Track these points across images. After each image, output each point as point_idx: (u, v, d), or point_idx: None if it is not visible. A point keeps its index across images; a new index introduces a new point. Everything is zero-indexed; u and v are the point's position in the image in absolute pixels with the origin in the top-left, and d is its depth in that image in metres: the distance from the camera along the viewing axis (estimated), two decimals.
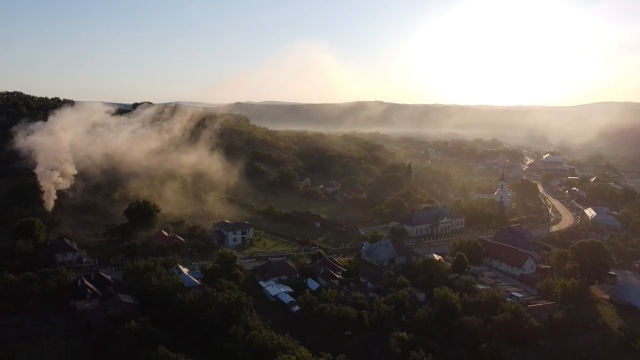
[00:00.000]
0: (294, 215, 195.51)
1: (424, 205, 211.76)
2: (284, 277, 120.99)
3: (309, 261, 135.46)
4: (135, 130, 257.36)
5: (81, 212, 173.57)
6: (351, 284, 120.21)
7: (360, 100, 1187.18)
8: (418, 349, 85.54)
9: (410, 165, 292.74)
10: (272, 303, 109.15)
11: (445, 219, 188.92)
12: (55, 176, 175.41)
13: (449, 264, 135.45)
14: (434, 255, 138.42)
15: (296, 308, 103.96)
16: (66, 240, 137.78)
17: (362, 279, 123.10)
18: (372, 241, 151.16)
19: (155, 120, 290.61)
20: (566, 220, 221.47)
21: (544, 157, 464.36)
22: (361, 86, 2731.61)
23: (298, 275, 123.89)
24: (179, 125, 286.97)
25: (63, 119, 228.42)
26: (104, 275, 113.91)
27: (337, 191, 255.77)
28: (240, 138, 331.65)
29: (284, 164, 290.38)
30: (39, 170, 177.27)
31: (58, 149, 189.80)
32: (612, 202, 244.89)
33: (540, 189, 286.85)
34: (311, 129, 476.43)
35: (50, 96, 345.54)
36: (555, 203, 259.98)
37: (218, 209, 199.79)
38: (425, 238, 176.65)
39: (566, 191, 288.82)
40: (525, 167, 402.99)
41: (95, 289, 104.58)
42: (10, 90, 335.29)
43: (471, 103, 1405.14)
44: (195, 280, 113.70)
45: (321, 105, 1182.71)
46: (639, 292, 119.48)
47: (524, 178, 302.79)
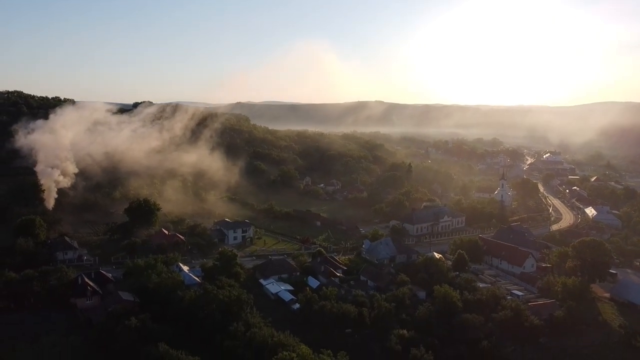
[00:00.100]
0: (295, 214, 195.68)
1: (424, 204, 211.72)
2: (285, 275, 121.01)
3: (310, 259, 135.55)
4: (136, 129, 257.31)
5: (82, 211, 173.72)
6: (352, 282, 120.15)
7: (360, 100, 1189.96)
8: (418, 347, 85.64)
9: (410, 164, 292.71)
10: (273, 301, 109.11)
11: (445, 218, 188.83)
12: (56, 174, 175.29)
13: (450, 263, 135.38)
14: (435, 253, 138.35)
15: (297, 306, 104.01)
16: (66, 239, 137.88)
17: (363, 277, 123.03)
18: (373, 239, 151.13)
19: (156, 119, 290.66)
20: (567, 219, 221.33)
21: (544, 157, 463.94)
22: (362, 86, 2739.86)
23: (298, 273, 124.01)
24: (180, 124, 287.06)
25: (64, 117, 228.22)
26: (105, 273, 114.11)
27: (338, 190, 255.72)
28: (241, 137, 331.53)
29: (284, 163, 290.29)
30: (39, 169, 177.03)
31: (59, 147, 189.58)
32: (613, 201, 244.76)
33: (540, 188, 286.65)
34: (311, 128, 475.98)
35: (50, 96, 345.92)
36: (556, 202, 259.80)
37: (219, 208, 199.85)
38: (426, 237, 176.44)
39: (567, 190, 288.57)
40: (526, 167, 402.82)
41: (95, 287, 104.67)
42: (10, 89, 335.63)
43: (471, 103, 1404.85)
44: (195, 278, 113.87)
45: (321, 105, 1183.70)
46: (639, 290, 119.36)
47: (525, 177, 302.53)
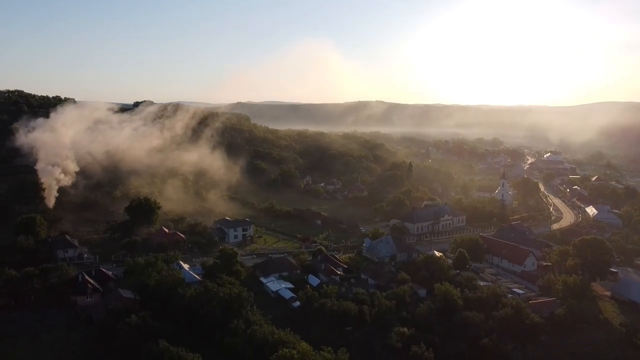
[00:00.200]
0: (295, 213, 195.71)
1: (425, 203, 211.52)
2: (285, 273, 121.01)
3: (310, 258, 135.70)
4: (137, 128, 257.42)
5: (82, 209, 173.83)
6: (352, 280, 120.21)
7: (361, 100, 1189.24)
8: (419, 344, 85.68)
9: (411, 163, 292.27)
10: (273, 299, 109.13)
11: (446, 217, 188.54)
12: (57, 172, 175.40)
13: (450, 261, 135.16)
14: (435, 252, 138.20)
15: (297, 304, 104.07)
16: (67, 237, 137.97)
17: (363, 275, 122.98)
18: (373, 238, 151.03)
19: (157, 118, 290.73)
20: (567, 218, 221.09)
21: (545, 157, 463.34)
22: (362, 86, 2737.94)
23: (299, 271, 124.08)
24: (181, 123, 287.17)
25: (65, 115, 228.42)
26: (105, 271, 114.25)
27: (338, 189, 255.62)
28: (241, 136, 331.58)
29: (284, 162, 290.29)
30: (39, 167, 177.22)
31: (59, 146, 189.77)
32: (614, 201, 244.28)
33: (541, 187, 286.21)
34: (312, 128, 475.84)
35: (51, 95, 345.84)
36: (557, 201, 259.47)
37: (219, 207, 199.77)
38: (426, 235, 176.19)
39: (567, 190, 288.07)
40: (527, 166, 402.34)
41: (96, 285, 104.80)
42: (11, 88, 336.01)
43: (472, 103, 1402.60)
44: (196, 276, 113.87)
45: (322, 105, 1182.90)
46: None
47: (525, 177, 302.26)
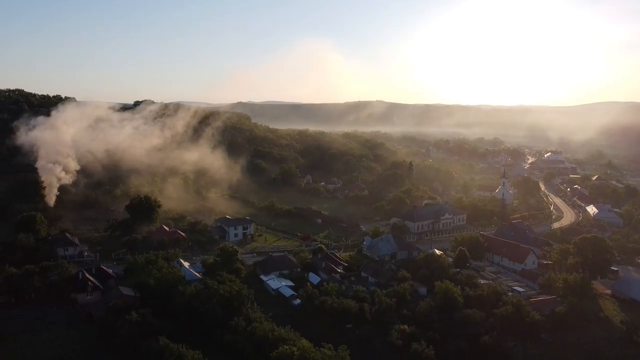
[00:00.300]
0: (295, 212, 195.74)
1: (425, 202, 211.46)
2: (285, 272, 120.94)
3: (310, 256, 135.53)
4: (138, 126, 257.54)
5: (82, 208, 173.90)
6: (352, 278, 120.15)
7: (361, 99, 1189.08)
8: (419, 341, 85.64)
9: (411, 162, 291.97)
10: (273, 296, 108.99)
11: (446, 216, 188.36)
12: (58, 170, 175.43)
13: (451, 260, 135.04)
14: (436, 250, 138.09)
15: (297, 301, 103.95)
16: (67, 235, 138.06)
17: (364, 274, 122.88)
18: (374, 236, 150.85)
19: (158, 116, 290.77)
20: (568, 217, 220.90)
21: (545, 156, 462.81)
22: (362, 86, 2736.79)
23: (299, 269, 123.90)
24: (182, 122, 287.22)
25: (65, 113, 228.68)
26: (105, 268, 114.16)
27: (339, 188, 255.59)
28: (242, 136, 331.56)
29: (285, 162, 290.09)
30: (40, 164, 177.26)
31: (60, 143, 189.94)
32: (614, 200, 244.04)
33: (541, 186, 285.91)
34: (312, 127, 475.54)
35: (51, 94, 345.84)
36: (557, 201, 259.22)
37: (220, 205, 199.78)
38: (427, 234, 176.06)
39: (568, 189, 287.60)
40: (527, 166, 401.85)
41: (96, 282, 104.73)
42: (12, 87, 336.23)
43: (473, 103, 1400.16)
44: (196, 274, 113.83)
45: (322, 105, 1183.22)
46: None
47: (526, 176, 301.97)
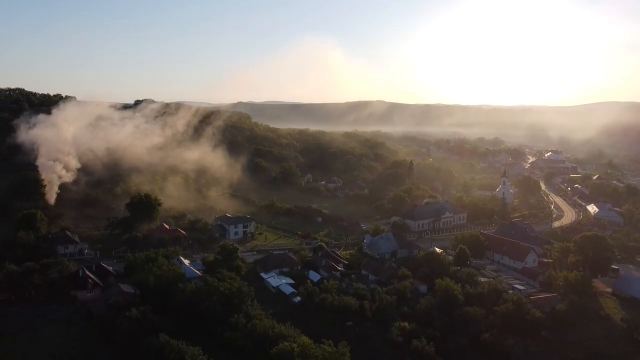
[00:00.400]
0: (296, 210, 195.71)
1: (425, 200, 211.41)
2: (286, 269, 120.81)
3: (311, 254, 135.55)
4: (139, 125, 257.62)
5: (83, 206, 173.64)
6: (353, 276, 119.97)
7: (361, 99, 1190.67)
8: (420, 338, 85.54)
9: (412, 162, 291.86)
10: (274, 294, 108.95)
11: (447, 214, 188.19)
12: (58, 168, 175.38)
13: (451, 258, 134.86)
14: (436, 249, 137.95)
15: (297, 299, 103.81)
16: (68, 233, 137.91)
17: (364, 271, 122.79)
18: (374, 235, 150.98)
19: (159, 115, 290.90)
20: (568, 216, 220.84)
21: (546, 156, 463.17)
22: (363, 86, 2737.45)
23: (299, 267, 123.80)
24: (183, 121, 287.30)
25: (66, 111, 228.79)
26: (105, 266, 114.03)
27: (339, 187, 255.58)
28: (242, 135, 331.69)
29: (285, 161, 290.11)
30: (40, 162, 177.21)
31: (61, 141, 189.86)
32: (615, 199, 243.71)
33: (542, 186, 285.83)
34: (313, 127, 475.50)
35: (52, 94, 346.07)
36: (558, 200, 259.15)
37: (220, 204, 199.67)
38: (427, 233, 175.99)
39: (568, 188, 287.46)
40: (528, 165, 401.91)
41: (96, 280, 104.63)
42: (12, 86, 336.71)
43: (473, 103, 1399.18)
44: (196, 271, 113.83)
45: (322, 105, 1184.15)
46: None
47: (526, 175, 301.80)
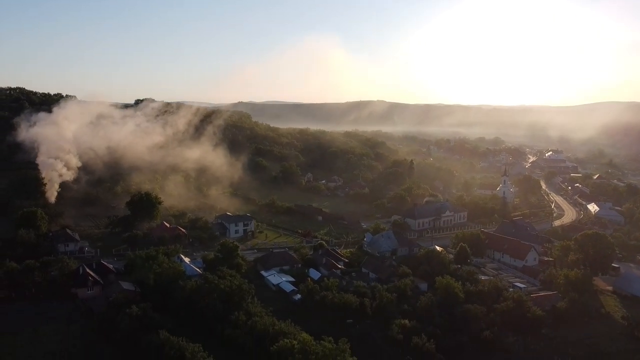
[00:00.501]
0: (296, 209, 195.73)
1: (426, 199, 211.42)
2: (286, 267, 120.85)
3: (311, 252, 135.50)
4: (140, 124, 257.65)
5: (83, 205, 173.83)
6: (353, 273, 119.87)
7: (362, 99, 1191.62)
8: (420, 336, 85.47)
9: (412, 161, 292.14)
10: (274, 292, 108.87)
11: (447, 213, 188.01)
12: (59, 165, 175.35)
13: (452, 256, 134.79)
14: (436, 247, 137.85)
15: (298, 297, 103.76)
16: (68, 231, 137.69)
17: (364, 269, 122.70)
18: (374, 233, 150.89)
19: (160, 114, 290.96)
20: (569, 215, 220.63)
21: (546, 155, 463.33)
22: (363, 86, 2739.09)
23: (300, 265, 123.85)
24: (183, 120, 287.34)
25: (67, 110, 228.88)
26: (106, 264, 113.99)
27: (339, 186, 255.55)
28: (243, 134, 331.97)
29: (286, 160, 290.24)
30: (40, 159, 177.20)
31: (61, 139, 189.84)
32: (615, 198, 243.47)
33: (542, 185, 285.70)
34: (313, 126, 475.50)
35: (52, 93, 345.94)
36: (558, 199, 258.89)
37: (221, 203, 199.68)
38: (428, 231, 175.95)
39: (569, 188, 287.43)
40: (528, 165, 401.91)
41: (96, 277, 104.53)
42: (12, 86, 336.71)
43: (473, 103, 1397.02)
44: (196, 269, 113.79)
45: (323, 104, 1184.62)
46: None
47: (527, 174, 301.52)
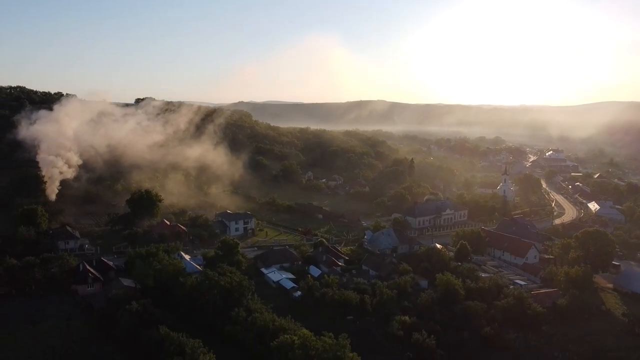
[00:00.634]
0: (297, 207, 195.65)
1: (426, 198, 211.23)
2: (286, 265, 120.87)
3: (311, 249, 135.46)
4: (140, 122, 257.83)
5: (84, 203, 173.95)
6: (353, 271, 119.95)
7: (362, 99, 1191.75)
8: (420, 332, 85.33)
9: (412, 160, 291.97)
10: (274, 289, 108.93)
11: (447, 211, 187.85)
12: (59, 163, 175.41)
13: (452, 254, 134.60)
14: (437, 244, 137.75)
15: (298, 294, 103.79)
16: (68, 228, 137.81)
17: (365, 267, 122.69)
18: (375, 230, 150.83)
19: (161, 112, 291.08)
20: (569, 213, 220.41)
21: (547, 154, 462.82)
22: (364, 85, 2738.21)
23: (300, 262, 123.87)
24: (184, 118, 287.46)
25: (67, 107, 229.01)
26: (106, 260, 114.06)
27: (340, 185, 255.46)
28: (243, 133, 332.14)
29: (286, 158, 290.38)
30: (40, 157, 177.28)
31: (62, 137, 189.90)
32: (616, 197, 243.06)
33: (543, 184, 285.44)
34: (314, 126, 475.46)
35: (53, 91, 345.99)
36: (559, 198, 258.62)
37: (221, 201, 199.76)
38: (428, 229, 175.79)
39: (569, 186, 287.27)
40: (528, 164, 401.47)
41: (97, 274, 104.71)
42: (13, 84, 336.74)
43: (474, 102, 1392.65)
44: (197, 266, 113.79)
45: (323, 104, 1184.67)
46: None
47: (527, 173, 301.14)
